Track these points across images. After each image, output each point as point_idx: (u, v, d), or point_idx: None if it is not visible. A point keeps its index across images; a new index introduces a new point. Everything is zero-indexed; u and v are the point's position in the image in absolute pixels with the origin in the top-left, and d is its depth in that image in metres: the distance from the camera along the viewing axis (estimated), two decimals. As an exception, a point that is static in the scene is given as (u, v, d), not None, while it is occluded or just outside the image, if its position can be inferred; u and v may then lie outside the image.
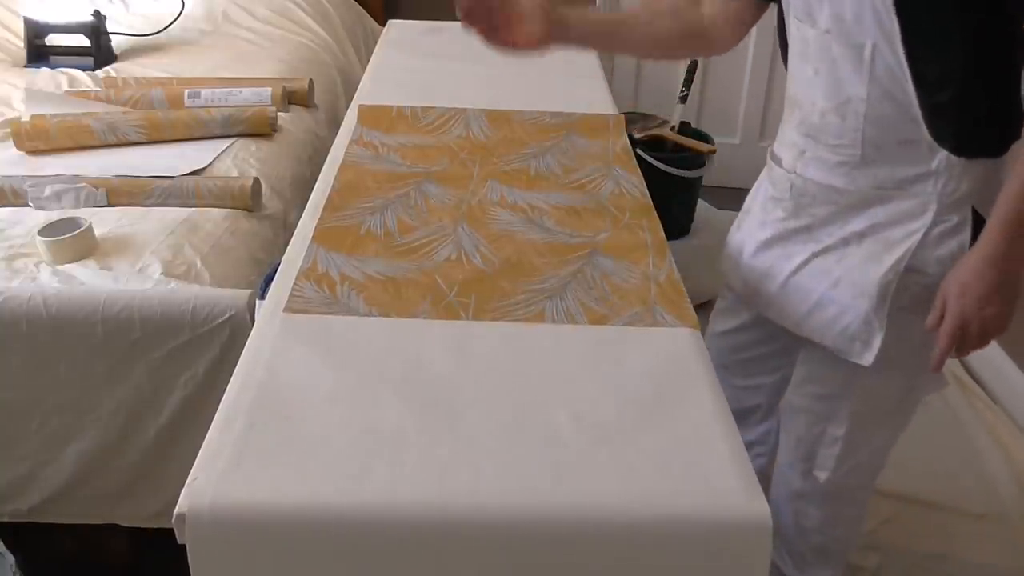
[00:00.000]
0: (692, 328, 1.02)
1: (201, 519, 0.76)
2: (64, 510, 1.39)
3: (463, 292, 1.07)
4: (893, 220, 1.11)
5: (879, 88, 1.04)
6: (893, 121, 1.06)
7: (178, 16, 2.64)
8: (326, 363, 0.94)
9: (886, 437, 1.29)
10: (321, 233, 1.19)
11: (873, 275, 1.12)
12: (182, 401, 1.31)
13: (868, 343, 1.15)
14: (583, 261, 1.13)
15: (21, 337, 1.27)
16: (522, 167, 1.40)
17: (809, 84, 1.12)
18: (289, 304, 1.04)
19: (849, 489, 1.34)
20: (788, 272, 1.21)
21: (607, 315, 1.04)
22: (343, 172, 1.36)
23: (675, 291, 1.09)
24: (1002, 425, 2.09)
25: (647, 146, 2.51)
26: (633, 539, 0.79)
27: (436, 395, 0.90)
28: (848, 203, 1.13)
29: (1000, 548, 1.77)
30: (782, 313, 1.24)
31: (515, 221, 1.24)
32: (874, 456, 1.31)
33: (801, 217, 1.19)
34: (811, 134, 1.14)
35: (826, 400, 1.26)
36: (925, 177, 1.07)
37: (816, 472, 1.31)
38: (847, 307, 1.15)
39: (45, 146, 1.83)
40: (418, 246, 1.17)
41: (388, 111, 1.58)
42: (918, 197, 1.08)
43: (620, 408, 0.89)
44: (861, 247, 1.13)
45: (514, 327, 1.01)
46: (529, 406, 0.89)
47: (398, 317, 1.02)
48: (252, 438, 0.83)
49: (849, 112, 1.08)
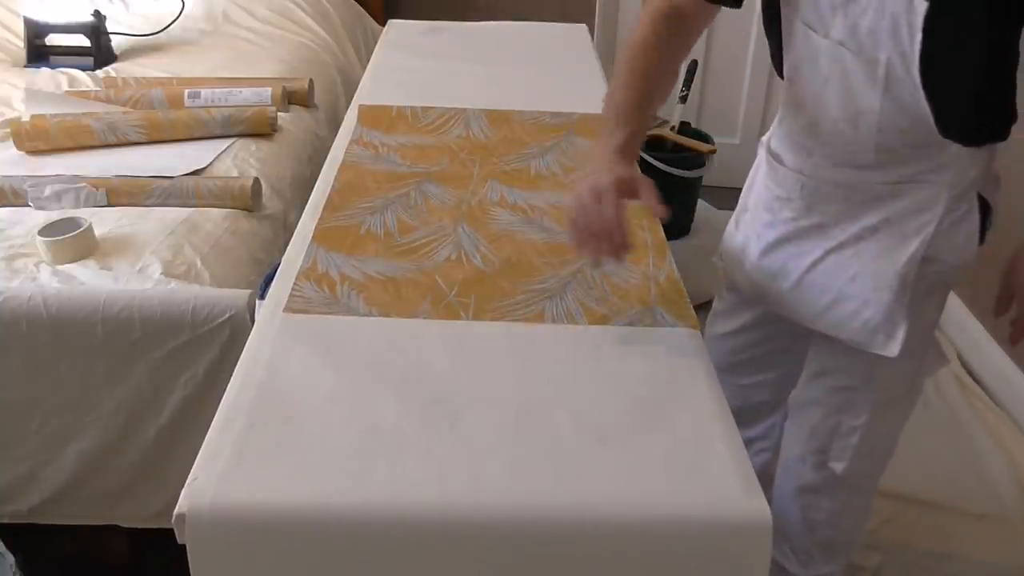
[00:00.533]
0: (692, 328, 1.03)
1: (201, 519, 0.76)
2: (64, 510, 1.39)
3: (463, 292, 1.08)
4: (907, 212, 1.11)
5: (893, 102, 1.04)
6: (906, 129, 1.05)
7: (178, 16, 2.64)
8: (326, 363, 0.94)
9: (898, 421, 1.30)
10: (321, 233, 1.19)
11: (892, 267, 1.12)
12: (182, 401, 1.31)
13: (892, 335, 1.15)
14: (583, 261, 1.13)
15: (21, 337, 1.27)
16: (522, 167, 1.41)
17: (819, 92, 1.11)
18: (289, 304, 1.04)
19: (862, 478, 1.35)
20: (803, 270, 1.20)
21: (607, 315, 1.04)
22: (343, 172, 1.37)
23: (675, 291, 1.09)
24: (1003, 426, 2.09)
25: (647, 146, 2.52)
26: (633, 539, 0.79)
27: (436, 395, 0.90)
28: (861, 199, 1.13)
29: (1000, 548, 1.77)
30: (797, 311, 1.23)
31: (515, 221, 1.24)
32: (887, 442, 1.32)
33: (812, 216, 1.18)
34: (821, 138, 1.13)
35: (843, 392, 1.26)
36: (937, 170, 1.08)
37: (832, 464, 1.31)
38: (868, 300, 1.15)
39: (45, 146, 1.83)
40: (418, 246, 1.17)
41: (388, 111, 1.59)
42: (930, 189, 1.09)
43: (620, 408, 0.90)
44: (876, 241, 1.13)
45: (514, 327, 1.02)
46: (529, 406, 0.89)
47: (398, 317, 1.02)
48: (252, 438, 0.83)
49: (862, 123, 1.07)
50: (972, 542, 1.78)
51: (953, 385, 2.23)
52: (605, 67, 1.98)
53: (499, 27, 2.24)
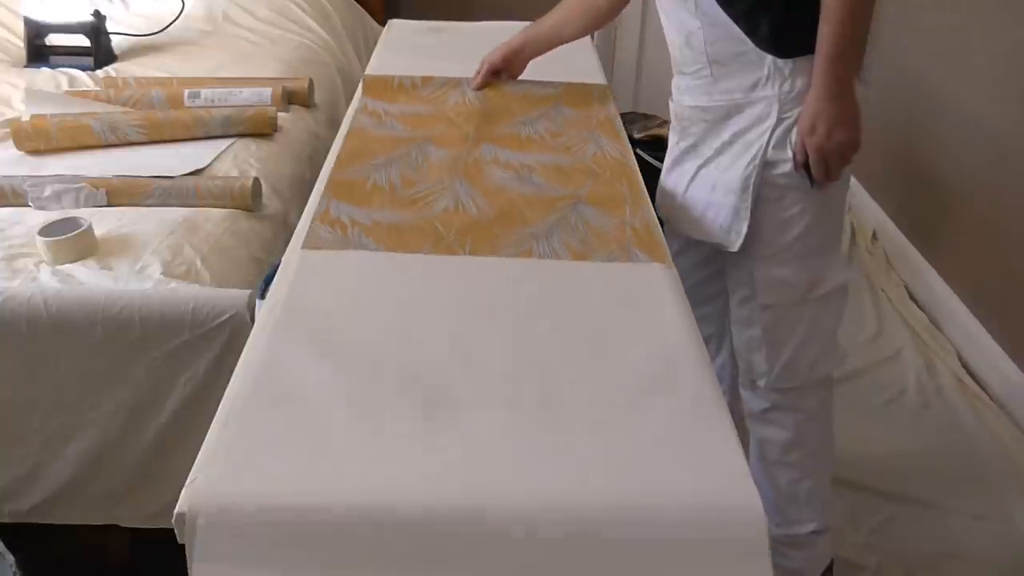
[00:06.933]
0: (664, 264, 1.15)
1: (201, 519, 0.76)
2: (64, 510, 1.39)
3: (460, 235, 1.20)
4: (750, 125, 1.32)
5: (705, 18, 1.30)
6: (724, 41, 1.30)
7: (178, 16, 2.64)
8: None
9: (805, 331, 1.40)
10: (333, 185, 1.32)
11: (736, 173, 1.34)
12: (182, 401, 1.31)
13: (739, 231, 1.35)
14: (567, 210, 1.27)
15: (21, 337, 1.27)
16: (514, 132, 1.54)
17: (667, 28, 1.40)
18: (307, 241, 1.16)
19: (794, 395, 1.44)
20: (684, 187, 1.43)
21: (587, 253, 1.17)
22: (350, 138, 1.50)
23: (648, 234, 1.22)
24: (1002, 426, 2.09)
25: (647, 146, 2.52)
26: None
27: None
28: (715, 118, 1.36)
29: (1000, 548, 1.77)
30: (688, 225, 1.44)
31: (507, 177, 1.37)
32: (801, 353, 1.41)
33: (687, 138, 1.42)
34: (677, 67, 1.41)
35: (744, 305, 1.43)
36: (764, 82, 1.29)
37: (756, 380, 1.45)
38: (722, 205, 1.36)
39: (45, 146, 1.83)
40: (419, 197, 1.30)
41: (390, 81, 1.74)
42: (763, 101, 1.30)
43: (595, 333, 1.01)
44: (730, 153, 1.35)
45: (505, 261, 1.15)
46: (522, 335, 1.00)
47: (404, 252, 1.15)
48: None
49: (693, 42, 1.34)
50: (972, 542, 1.78)
51: (953, 385, 2.23)
52: (605, 68, 1.98)
53: (499, 27, 2.23)
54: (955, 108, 2.47)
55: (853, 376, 2.24)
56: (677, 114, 1.44)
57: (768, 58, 1.28)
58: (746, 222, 1.34)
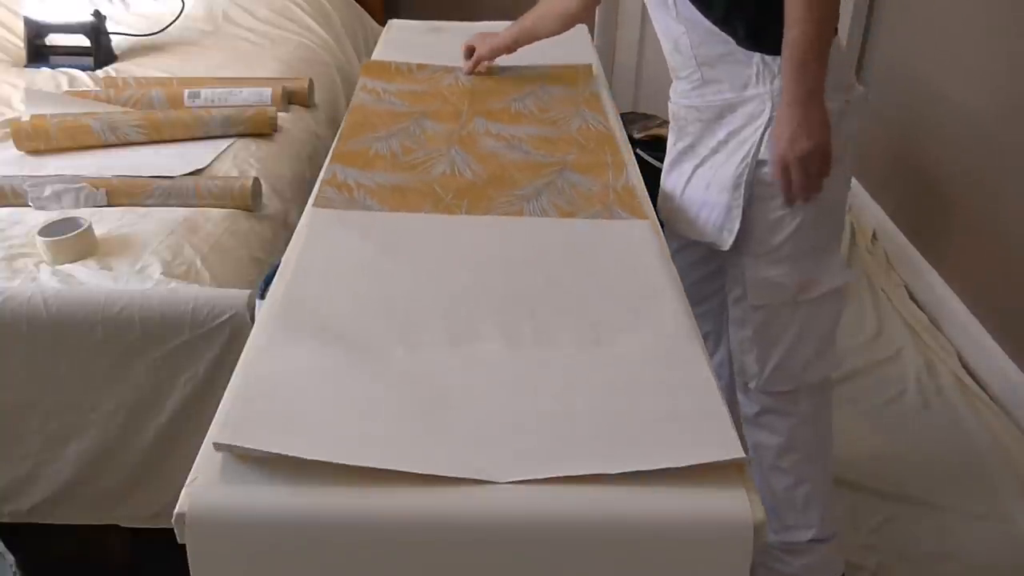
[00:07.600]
0: (644, 220, 1.24)
1: (201, 519, 0.77)
2: (64, 510, 1.39)
3: (457, 197, 1.31)
4: (743, 123, 1.32)
5: (688, 23, 1.32)
6: (709, 43, 1.31)
7: (178, 16, 2.64)
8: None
9: (796, 334, 1.39)
10: (338, 155, 1.44)
11: (729, 171, 1.34)
12: (182, 401, 1.31)
13: (731, 230, 1.36)
14: (555, 175, 1.38)
15: (21, 337, 1.27)
16: (505, 107, 1.67)
17: (658, 33, 1.42)
18: (316, 201, 1.27)
19: (786, 399, 1.43)
20: (681, 188, 1.44)
21: (573, 211, 1.27)
22: (352, 114, 1.62)
23: (630, 195, 1.32)
24: (1002, 425, 2.09)
25: (647, 146, 2.51)
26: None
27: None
28: (710, 117, 1.37)
29: (1000, 548, 1.77)
30: (685, 226, 1.45)
31: (499, 147, 1.49)
32: (792, 356, 1.40)
33: (684, 138, 1.43)
34: (671, 71, 1.43)
35: (737, 305, 1.43)
36: (754, 80, 1.29)
37: (748, 382, 1.45)
38: (716, 203, 1.37)
39: (45, 146, 1.83)
40: (418, 163, 1.42)
41: (389, 66, 1.88)
42: (756, 99, 1.30)
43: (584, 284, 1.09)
44: (725, 152, 1.35)
45: (499, 219, 1.25)
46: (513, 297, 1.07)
47: (406, 211, 1.26)
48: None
49: (681, 46, 1.36)
50: (971, 542, 1.78)
51: (953, 385, 2.23)
52: (605, 68, 1.98)
53: (499, 27, 2.24)
54: (955, 108, 2.47)
55: (853, 376, 2.25)
56: (675, 114, 1.45)
57: (756, 56, 1.28)
58: (738, 220, 1.34)
